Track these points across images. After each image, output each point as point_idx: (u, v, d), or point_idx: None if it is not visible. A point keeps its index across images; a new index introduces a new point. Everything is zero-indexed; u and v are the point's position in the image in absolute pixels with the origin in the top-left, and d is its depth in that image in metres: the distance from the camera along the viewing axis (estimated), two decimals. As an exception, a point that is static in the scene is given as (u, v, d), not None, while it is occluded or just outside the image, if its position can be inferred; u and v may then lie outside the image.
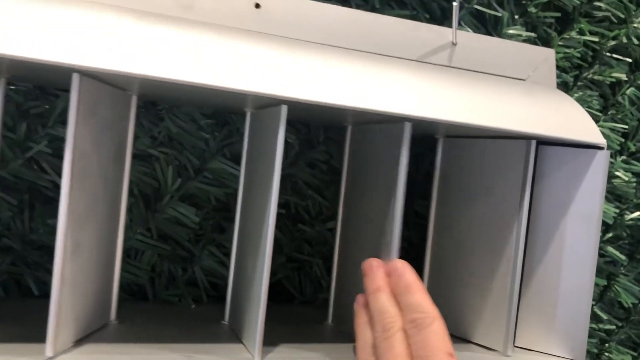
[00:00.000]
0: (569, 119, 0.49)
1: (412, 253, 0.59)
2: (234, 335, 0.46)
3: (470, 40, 0.54)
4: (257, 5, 0.48)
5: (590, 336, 0.70)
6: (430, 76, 0.49)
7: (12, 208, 0.49)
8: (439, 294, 0.54)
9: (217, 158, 0.53)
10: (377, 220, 0.47)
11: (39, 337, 0.36)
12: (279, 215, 0.52)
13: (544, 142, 0.49)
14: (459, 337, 0.51)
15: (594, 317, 0.71)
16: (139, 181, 0.51)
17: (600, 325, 0.71)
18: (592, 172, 0.47)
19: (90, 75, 0.37)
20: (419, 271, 0.50)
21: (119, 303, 0.46)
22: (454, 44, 0.54)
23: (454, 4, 0.52)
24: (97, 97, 0.39)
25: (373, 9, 0.57)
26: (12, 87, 0.48)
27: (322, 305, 0.55)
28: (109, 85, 0.41)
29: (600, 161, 0.47)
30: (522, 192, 0.47)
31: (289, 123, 0.55)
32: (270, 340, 0.42)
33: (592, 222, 0.47)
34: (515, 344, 0.50)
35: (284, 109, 0.41)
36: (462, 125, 0.44)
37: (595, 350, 0.71)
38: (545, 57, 0.58)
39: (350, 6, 0.56)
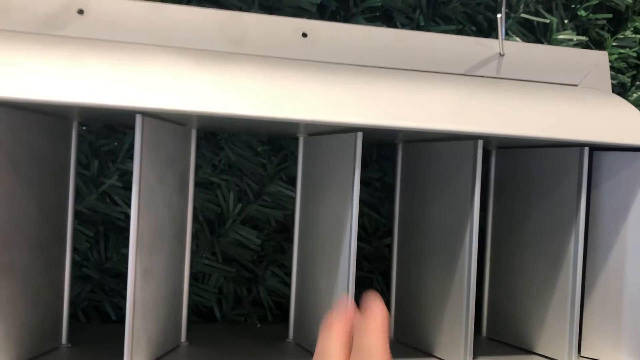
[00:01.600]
0: (622, 123, 0.48)
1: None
2: (301, 351, 0.48)
3: (518, 50, 0.55)
4: (304, 35, 0.50)
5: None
6: (478, 90, 0.49)
7: (89, 239, 0.52)
8: (500, 304, 0.54)
9: (275, 182, 0.55)
10: (445, 234, 0.48)
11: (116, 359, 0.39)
12: (336, 234, 0.53)
13: (598, 147, 0.49)
14: (521, 347, 0.51)
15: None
16: (202, 208, 0.54)
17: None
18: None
19: (152, 115, 0.40)
20: (479, 282, 0.50)
21: (189, 325, 0.49)
22: (501, 55, 0.54)
23: (499, 15, 0.53)
24: (159, 134, 0.42)
25: (418, 27, 0.58)
26: (84, 128, 0.52)
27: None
28: (169, 122, 0.44)
29: (658, 164, 0.46)
30: (577, 200, 0.47)
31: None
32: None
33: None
34: (582, 354, 0.49)
35: (359, 136, 0.43)
36: (508, 137, 0.44)
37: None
38: (597, 61, 0.57)
39: (395, 26, 0.58)
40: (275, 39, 0.49)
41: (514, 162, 0.53)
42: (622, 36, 0.65)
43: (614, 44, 0.64)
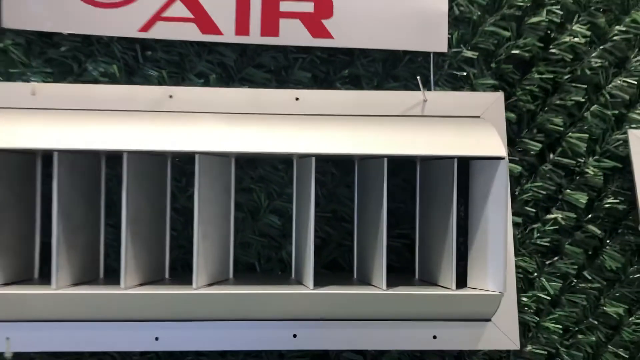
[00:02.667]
0: (484, 141, 0.78)
1: (419, 236, 0.90)
2: (298, 284, 0.82)
3: (436, 96, 0.86)
4: (297, 99, 0.85)
5: (580, 292, 0.95)
6: (406, 125, 0.82)
7: (179, 222, 0.90)
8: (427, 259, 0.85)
9: (289, 187, 0.90)
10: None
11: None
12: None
13: (470, 158, 0.79)
14: (432, 282, 0.82)
15: (583, 279, 0.95)
16: (246, 203, 0.90)
17: (589, 285, 0.95)
18: (500, 173, 0.76)
19: (208, 154, 0.77)
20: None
21: (238, 272, 0.85)
22: (424, 101, 0.86)
23: (418, 77, 0.85)
24: (213, 163, 0.79)
25: (377, 84, 0.91)
26: (177, 159, 0.90)
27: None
28: (219, 156, 0.81)
29: (503, 167, 0.76)
30: (451, 190, 0.77)
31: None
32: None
33: (501, 201, 0.76)
34: (469, 285, 0.80)
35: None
36: (409, 156, 0.77)
37: (587, 304, 0.95)
38: (495, 98, 0.87)
39: (361, 86, 0.91)
40: (278, 103, 0.84)
41: (429, 169, 0.85)
42: (529, 77, 0.93)
43: (524, 82, 0.93)
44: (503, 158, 0.76)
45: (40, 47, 0.87)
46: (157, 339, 0.77)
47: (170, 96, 0.82)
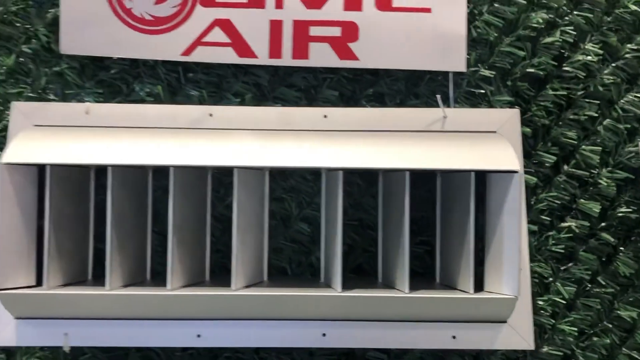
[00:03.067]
0: (495, 155, 0.84)
1: (440, 243, 0.97)
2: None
3: (457, 112, 0.92)
4: (325, 116, 0.92)
5: (595, 297, 1.00)
6: (424, 140, 0.88)
7: (217, 229, 0.98)
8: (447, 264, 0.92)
9: (318, 196, 0.97)
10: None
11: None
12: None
13: (487, 171, 0.85)
14: (453, 287, 0.89)
15: (597, 284, 1.00)
16: (279, 211, 0.97)
17: (603, 290, 1.00)
18: (514, 185, 0.82)
19: (246, 167, 0.85)
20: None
21: (271, 275, 0.93)
22: (444, 117, 0.92)
23: (438, 96, 0.91)
24: (250, 175, 0.87)
25: (400, 104, 0.97)
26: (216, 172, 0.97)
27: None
28: (256, 170, 0.88)
29: (516, 180, 0.82)
30: (469, 200, 0.84)
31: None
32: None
33: (514, 212, 0.82)
34: (485, 289, 0.86)
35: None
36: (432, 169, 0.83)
37: (601, 308, 1.00)
38: (511, 114, 0.93)
39: (385, 103, 0.97)
40: (308, 120, 0.91)
41: (449, 181, 0.91)
42: (544, 93, 0.99)
43: (539, 99, 0.99)
44: (516, 172, 0.82)
45: (92, 70, 0.96)
46: (198, 336, 0.85)
47: (210, 114, 0.90)
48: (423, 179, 0.97)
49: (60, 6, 0.94)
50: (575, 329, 0.99)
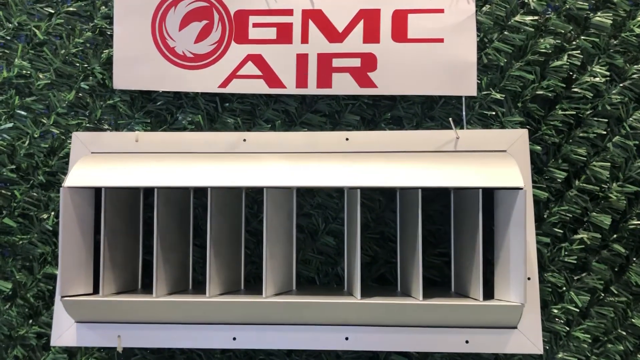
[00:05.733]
0: (504, 173, 0.91)
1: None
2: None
3: (467, 133, 1.00)
4: (347, 139, 1.01)
5: (609, 305, 1.05)
6: (437, 160, 0.96)
7: (251, 243, 1.08)
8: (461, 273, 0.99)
9: (342, 211, 1.06)
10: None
11: (261, 291, 0.93)
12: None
13: (495, 188, 0.92)
14: (465, 295, 0.96)
15: (610, 293, 1.05)
16: (307, 226, 1.07)
17: (616, 299, 1.05)
18: (519, 201, 0.89)
19: (273, 187, 0.95)
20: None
21: (300, 285, 1.02)
22: (457, 138, 1.00)
23: (450, 119, 0.99)
24: (279, 195, 0.97)
25: (417, 125, 1.06)
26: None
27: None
28: (284, 189, 0.98)
29: (521, 195, 0.89)
30: (477, 216, 0.91)
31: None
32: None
33: (520, 225, 0.89)
34: (495, 297, 0.93)
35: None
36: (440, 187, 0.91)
37: (615, 316, 1.05)
38: (520, 134, 1.00)
39: (402, 126, 1.06)
40: (332, 143, 1.00)
41: (461, 197, 0.99)
42: (553, 113, 1.05)
43: (549, 119, 1.05)
44: (521, 188, 0.89)
45: (141, 103, 1.09)
46: (234, 339, 0.95)
47: (244, 140, 1.01)
48: (439, 195, 1.05)
49: (113, 47, 1.07)
50: (589, 336, 1.04)
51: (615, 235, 1.06)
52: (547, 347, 1.03)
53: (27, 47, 1.10)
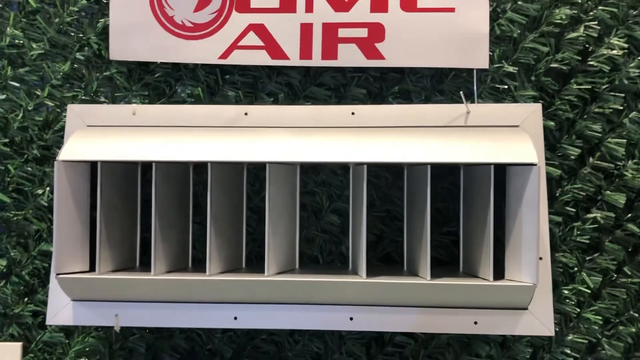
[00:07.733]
0: (514, 148, 0.87)
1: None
2: (352, 273, 0.94)
3: (477, 107, 0.96)
4: (353, 113, 0.97)
5: (621, 287, 1.02)
6: (447, 135, 0.92)
7: (252, 220, 1.05)
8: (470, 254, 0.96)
9: (347, 189, 1.03)
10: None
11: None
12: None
13: (506, 164, 0.89)
14: (474, 275, 0.93)
15: (623, 274, 1.02)
16: (311, 204, 1.03)
17: (629, 280, 1.02)
18: (533, 177, 0.85)
19: (278, 162, 0.91)
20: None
21: (304, 263, 0.99)
22: (468, 112, 0.96)
23: (461, 92, 0.95)
24: (281, 170, 0.93)
25: (425, 99, 1.02)
26: (252, 167, 1.04)
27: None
28: (286, 164, 0.95)
29: (535, 172, 0.85)
30: (489, 192, 0.87)
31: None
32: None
33: (533, 203, 0.85)
34: (506, 278, 0.90)
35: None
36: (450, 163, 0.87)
37: (627, 297, 1.01)
38: (533, 109, 0.96)
39: (411, 100, 1.02)
40: (337, 117, 0.96)
41: (471, 173, 0.95)
42: (568, 87, 1.01)
43: (563, 93, 1.01)
44: (535, 164, 0.86)
45: (139, 74, 1.04)
46: (235, 318, 0.92)
47: (246, 113, 0.97)
48: (448, 172, 1.01)
49: (109, 16, 1.03)
50: (600, 317, 1.01)
51: (629, 215, 1.02)
52: (557, 329, 1.00)
53: (20, 16, 1.05)
